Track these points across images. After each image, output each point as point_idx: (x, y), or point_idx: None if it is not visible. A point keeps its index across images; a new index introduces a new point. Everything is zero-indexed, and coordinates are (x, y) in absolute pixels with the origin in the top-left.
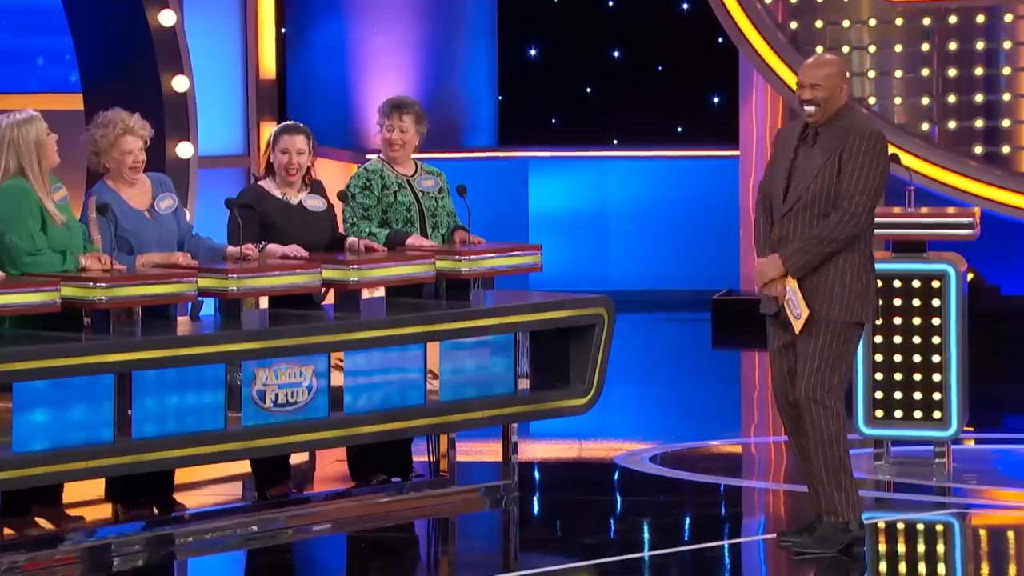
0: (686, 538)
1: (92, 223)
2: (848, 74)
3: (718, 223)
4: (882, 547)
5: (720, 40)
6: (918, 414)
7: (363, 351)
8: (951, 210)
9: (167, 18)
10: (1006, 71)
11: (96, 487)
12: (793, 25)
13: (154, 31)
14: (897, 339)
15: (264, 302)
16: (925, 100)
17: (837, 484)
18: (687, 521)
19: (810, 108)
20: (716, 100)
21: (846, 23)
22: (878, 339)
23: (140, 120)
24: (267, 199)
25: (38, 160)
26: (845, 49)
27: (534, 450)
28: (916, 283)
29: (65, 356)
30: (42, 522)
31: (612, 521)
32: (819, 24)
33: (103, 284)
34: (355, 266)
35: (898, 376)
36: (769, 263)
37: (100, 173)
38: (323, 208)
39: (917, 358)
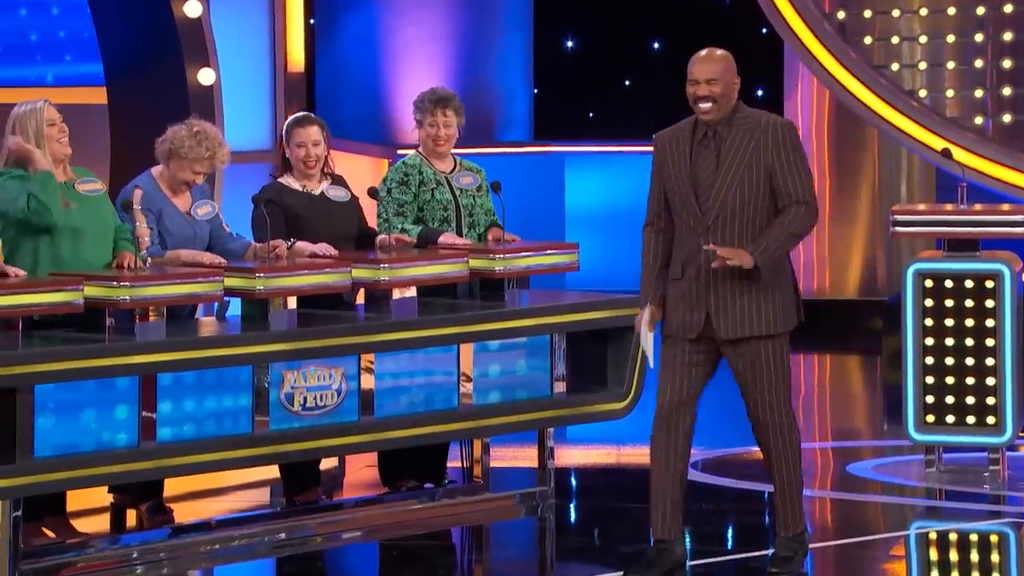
0: (729, 547)
1: (138, 214)
2: (898, 66)
3: None
4: (934, 557)
5: (764, 31)
6: (971, 419)
7: (394, 353)
8: (1006, 207)
9: (193, 9)
10: None
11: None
12: (840, 15)
13: (180, 23)
14: (949, 341)
15: (292, 302)
16: (979, 93)
17: (800, 496)
18: (730, 529)
19: (706, 105)
20: (760, 93)
21: (896, 12)
22: (929, 341)
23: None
24: (288, 193)
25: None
26: (895, 40)
27: (571, 455)
28: (969, 283)
29: (88, 358)
30: (50, 530)
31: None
32: (868, 14)
33: (126, 284)
34: (386, 265)
35: (950, 380)
36: (647, 312)
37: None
38: (347, 198)
39: (970, 361)
